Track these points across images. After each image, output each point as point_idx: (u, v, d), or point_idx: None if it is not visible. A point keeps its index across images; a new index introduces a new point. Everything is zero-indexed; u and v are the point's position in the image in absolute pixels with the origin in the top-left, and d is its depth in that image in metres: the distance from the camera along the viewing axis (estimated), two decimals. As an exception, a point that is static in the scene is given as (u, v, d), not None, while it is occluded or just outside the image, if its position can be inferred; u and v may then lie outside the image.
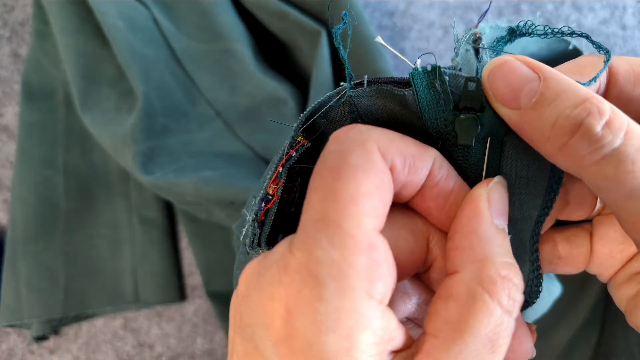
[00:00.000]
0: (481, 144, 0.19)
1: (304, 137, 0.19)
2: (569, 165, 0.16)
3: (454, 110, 0.18)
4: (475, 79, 0.18)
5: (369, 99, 0.19)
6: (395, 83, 0.19)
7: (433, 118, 0.19)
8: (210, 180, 0.39)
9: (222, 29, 0.43)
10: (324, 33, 0.41)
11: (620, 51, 0.45)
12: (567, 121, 0.15)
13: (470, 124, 0.18)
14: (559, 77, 0.16)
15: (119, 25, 0.42)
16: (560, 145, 0.15)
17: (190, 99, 0.44)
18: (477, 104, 0.18)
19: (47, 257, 0.44)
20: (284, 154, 0.19)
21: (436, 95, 0.18)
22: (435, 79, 0.18)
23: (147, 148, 0.41)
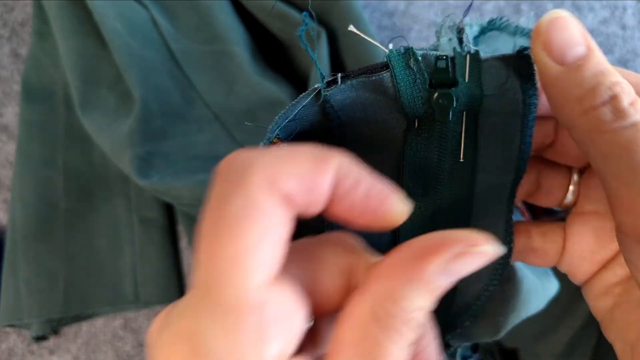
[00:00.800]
0: (458, 118, 0.19)
1: (279, 138, 0.19)
2: (587, 128, 0.17)
3: (429, 88, 0.19)
4: (444, 57, 0.19)
5: (343, 94, 0.19)
6: (369, 71, 0.19)
7: (411, 97, 0.19)
8: (205, 183, 0.39)
9: (221, 31, 0.43)
10: (324, 33, 0.41)
11: (620, 51, 0.45)
12: (607, 90, 0.16)
13: (446, 99, 0.19)
14: (602, 56, 0.17)
15: (117, 28, 0.42)
16: (589, 109, 0.16)
17: (188, 102, 0.44)
18: (448, 79, 0.19)
19: (47, 257, 0.44)
20: None
21: (412, 74, 0.19)
22: (410, 59, 0.19)
23: (144, 152, 0.41)
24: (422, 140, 0.20)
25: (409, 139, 0.20)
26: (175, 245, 0.47)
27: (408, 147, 0.20)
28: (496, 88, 0.19)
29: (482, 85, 0.19)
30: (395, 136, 0.20)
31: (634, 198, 0.16)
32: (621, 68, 0.18)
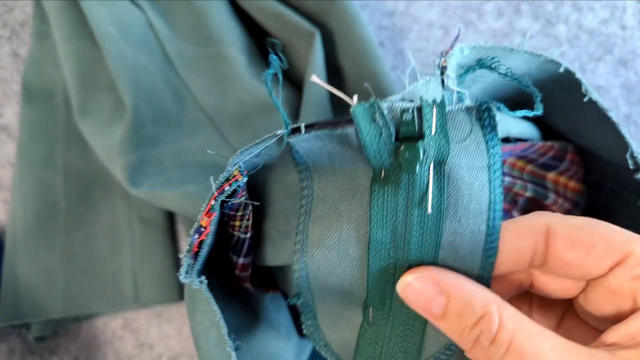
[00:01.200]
0: (425, 170, 0.19)
1: (240, 172, 0.19)
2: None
3: (395, 141, 0.19)
4: (410, 109, 0.19)
5: (308, 142, 0.20)
6: (334, 124, 0.19)
7: (376, 151, 0.19)
8: (192, 195, 0.39)
9: (217, 33, 0.43)
10: (318, 35, 0.41)
11: (620, 51, 0.45)
12: (469, 337, 0.19)
13: (413, 152, 0.19)
14: (461, 293, 0.19)
15: (111, 33, 0.42)
16: (468, 350, 0.19)
17: (182, 106, 0.44)
18: (415, 132, 0.19)
19: (47, 257, 0.44)
20: (217, 188, 0.20)
21: (377, 128, 0.19)
22: (376, 112, 0.18)
23: (136, 160, 0.41)
24: (389, 191, 0.20)
25: (375, 189, 0.20)
26: (175, 245, 0.47)
27: (375, 197, 0.20)
28: (461, 140, 0.19)
29: (448, 137, 0.19)
30: (361, 185, 0.20)
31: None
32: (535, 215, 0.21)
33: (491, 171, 0.20)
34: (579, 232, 0.20)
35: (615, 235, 0.19)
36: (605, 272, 0.19)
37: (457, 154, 0.20)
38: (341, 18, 0.41)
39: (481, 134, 0.20)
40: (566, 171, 0.32)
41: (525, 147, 0.31)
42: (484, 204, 0.20)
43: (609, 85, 0.45)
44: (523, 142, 0.31)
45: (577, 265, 0.20)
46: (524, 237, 0.20)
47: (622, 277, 0.19)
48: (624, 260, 0.19)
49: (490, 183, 0.20)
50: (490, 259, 0.20)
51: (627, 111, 0.45)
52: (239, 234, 0.23)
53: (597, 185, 0.32)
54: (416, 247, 0.20)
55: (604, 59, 0.45)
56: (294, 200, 0.22)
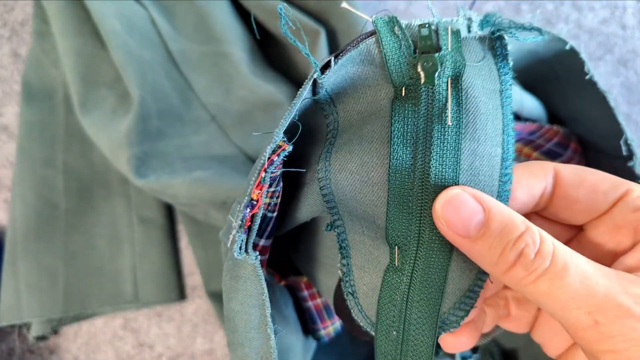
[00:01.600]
0: (443, 82, 0.20)
1: (284, 141, 0.20)
2: (512, 284, 0.18)
3: (414, 54, 0.20)
4: (427, 24, 0.20)
5: (334, 74, 0.20)
6: (356, 42, 0.20)
7: (397, 63, 0.20)
8: (201, 180, 0.39)
9: (219, 31, 0.43)
10: (323, 33, 0.41)
11: (620, 51, 0.45)
12: (513, 252, 0.18)
13: (431, 63, 0.19)
14: (500, 209, 0.19)
15: (116, 27, 0.42)
16: (505, 270, 0.18)
17: (185, 102, 0.44)
18: (432, 46, 0.19)
19: (47, 257, 0.44)
20: (267, 159, 0.19)
21: (397, 40, 0.20)
22: (395, 25, 0.19)
23: (141, 152, 0.41)
24: (409, 107, 0.20)
25: (395, 106, 0.20)
26: (175, 245, 0.47)
27: (395, 114, 0.20)
28: (474, 62, 0.20)
29: (463, 55, 0.20)
30: (383, 106, 0.21)
31: (575, 328, 0.17)
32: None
33: (503, 96, 0.21)
34: (585, 173, 0.21)
35: (614, 177, 0.21)
36: (609, 208, 0.21)
37: (472, 73, 0.20)
38: (343, 17, 0.41)
39: (493, 62, 0.21)
40: (569, 161, 0.33)
41: (534, 129, 0.31)
42: (499, 127, 0.20)
43: (609, 84, 0.45)
44: (532, 123, 0.31)
45: (584, 202, 0.21)
46: (536, 175, 0.21)
47: (625, 210, 0.20)
48: (625, 195, 0.20)
49: (503, 107, 0.20)
50: (506, 185, 0.20)
51: (627, 110, 0.45)
52: (266, 212, 0.23)
53: None
54: (436, 168, 0.20)
55: (604, 59, 0.45)
56: (318, 146, 0.22)
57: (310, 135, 0.23)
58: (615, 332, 0.16)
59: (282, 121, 0.20)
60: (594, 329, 0.16)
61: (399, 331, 0.22)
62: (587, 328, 0.17)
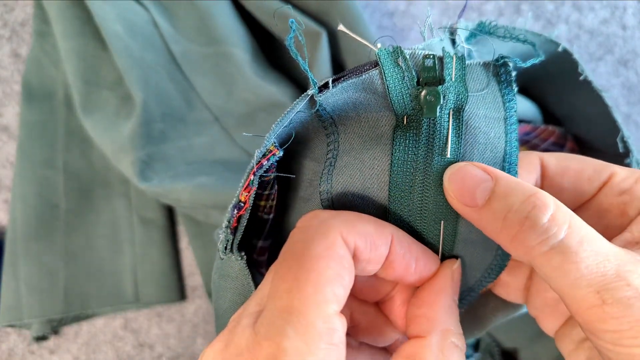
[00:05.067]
0: (444, 116, 0.20)
1: (275, 146, 0.20)
2: (521, 255, 0.18)
3: (417, 85, 0.20)
4: (431, 55, 0.20)
5: (335, 96, 0.20)
6: (359, 70, 0.20)
7: (399, 94, 0.20)
8: (204, 186, 0.39)
9: (221, 33, 0.43)
10: (324, 34, 0.41)
11: (621, 51, 0.45)
12: (516, 214, 0.17)
13: (434, 96, 0.19)
14: (508, 177, 0.18)
15: (118, 30, 0.42)
16: (512, 237, 0.17)
17: (188, 104, 0.44)
18: (435, 77, 0.20)
19: (47, 257, 0.44)
20: (256, 163, 0.20)
21: (400, 72, 0.20)
22: (399, 57, 0.20)
23: (145, 155, 0.41)
24: (410, 137, 0.20)
25: (397, 135, 0.20)
26: (175, 246, 0.47)
27: (396, 143, 0.20)
28: (478, 91, 0.20)
29: (466, 86, 0.20)
30: (384, 133, 0.21)
31: (579, 306, 0.17)
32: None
33: (507, 124, 0.21)
34: (568, 161, 0.21)
35: (597, 161, 0.21)
36: (595, 193, 0.21)
37: (475, 104, 0.20)
38: (343, 17, 0.41)
39: (497, 88, 0.21)
40: None
41: (529, 130, 0.31)
42: (499, 154, 0.20)
43: (609, 84, 0.45)
44: (526, 124, 0.31)
45: (570, 190, 0.21)
46: (526, 169, 0.21)
47: (611, 194, 0.20)
48: (609, 179, 0.20)
49: (507, 135, 0.21)
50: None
51: (627, 111, 0.45)
52: (262, 215, 0.23)
53: None
54: (434, 195, 0.20)
55: (604, 59, 0.45)
56: (318, 162, 0.23)
57: (310, 148, 0.23)
58: (621, 313, 0.16)
59: (274, 126, 0.20)
60: (600, 309, 0.16)
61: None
62: (592, 307, 0.16)
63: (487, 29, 0.21)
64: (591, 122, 0.30)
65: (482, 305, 0.26)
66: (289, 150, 0.21)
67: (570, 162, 0.21)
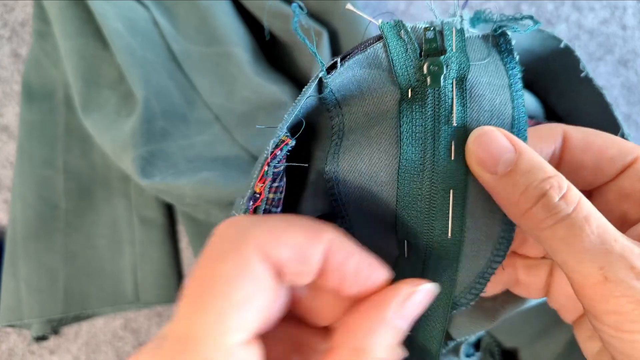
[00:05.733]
0: (448, 86, 0.20)
1: (287, 136, 0.20)
2: (529, 227, 0.18)
3: (420, 57, 0.20)
4: (432, 28, 0.20)
5: (340, 76, 0.20)
6: (363, 45, 0.20)
7: (403, 66, 0.20)
8: (208, 181, 0.39)
9: (221, 32, 0.43)
10: (325, 34, 0.41)
11: (621, 51, 0.45)
12: (535, 190, 0.18)
13: (437, 65, 0.20)
14: (531, 153, 0.18)
15: (118, 29, 0.42)
16: (525, 210, 0.18)
17: (189, 103, 0.44)
18: (437, 48, 0.20)
19: (47, 257, 0.44)
20: (270, 153, 0.20)
21: (403, 44, 0.20)
22: (401, 30, 0.20)
23: (146, 152, 0.41)
24: (416, 109, 0.20)
25: (403, 108, 0.21)
26: (175, 245, 0.47)
27: (403, 116, 0.20)
28: (480, 60, 0.21)
29: (468, 56, 0.20)
30: (390, 108, 0.21)
31: (582, 282, 0.17)
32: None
33: (512, 90, 0.21)
34: (593, 137, 0.20)
35: (625, 142, 0.20)
36: (616, 175, 0.20)
37: (478, 72, 0.20)
38: (343, 17, 0.42)
39: (498, 57, 0.21)
40: None
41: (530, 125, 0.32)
42: (506, 120, 0.20)
43: (609, 85, 0.45)
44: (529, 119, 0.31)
45: (590, 168, 0.20)
46: (545, 140, 0.21)
47: (634, 179, 0.20)
48: (634, 162, 0.20)
49: (513, 101, 0.21)
50: None
51: (628, 111, 0.45)
52: (270, 208, 0.23)
53: None
54: (444, 165, 0.20)
55: (604, 59, 0.45)
56: (324, 148, 0.23)
57: (314, 134, 0.23)
58: (622, 292, 0.16)
59: (286, 116, 0.20)
60: (602, 286, 0.16)
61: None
62: (595, 284, 0.16)
63: (484, 17, 0.22)
64: (591, 120, 0.30)
65: (491, 298, 0.26)
66: (298, 140, 0.21)
67: (595, 138, 0.20)
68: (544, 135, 0.21)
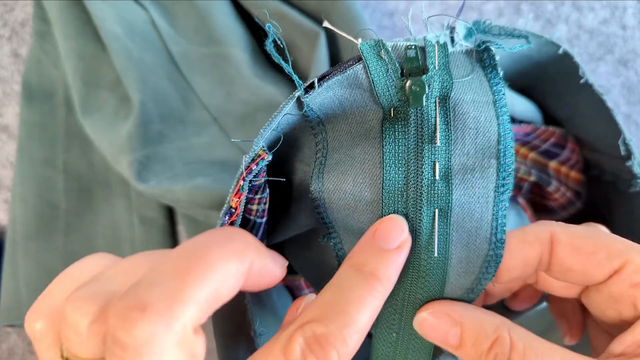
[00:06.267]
0: (431, 105, 0.20)
1: (264, 150, 0.20)
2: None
3: (401, 77, 0.20)
4: (413, 46, 0.20)
5: (320, 96, 0.20)
6: (343, 67, 0.20)
7: (385, 87, 0.20)
8: (201, 187, 0.39)
9: (220, 33, 0.43)
10: (323, 34, 0.41)
11: (621, 51, 0.45)
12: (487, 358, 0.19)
13: (419, 86, 0.19)
14: (472, 322, 0.20)
15: (116, 31, 0.42)
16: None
17: (186, 105, 0.44)
18: (419, 67, 0.20)
19: (48, 257, 0.44)
20: (245, 168, 0.20)
21: (384, 64, 0.20)
22: (381, 49, 0.20)
23: (143, 156, 0.41)
24: (399, 128, 0.20)
25: (385, 128, 0.20)
26: (175, 246, 0.47)
27: (386, 136, 0.20)
28: (463, 77, 0.20)
29: (451, 74, 0.20)
30: (372, 127, 0.21)
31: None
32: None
33: (497, 107, 0.21)
34: (581, 240, 0.20)
35: (615, 244, 0.20)
36: (605, 279, 0.20)
37: (461, 90, 0.20)
38: (343, 17, 0.41)
39: (482, 73, 0.21)
40: (567, 160, 0.33)
41: (529, 131, 0.31)
42: (492, 137, 0.20)
43: (609, 85, 0.45)
44: (527, 125, 0.31)
45: (578, 272, 0.20)
46: (531, 245, 0.21)
47: (622, 285, 0.20)
48: (622, 268, 0.20)
49: (498, 118, 0.20)
50: (504, 202, 0.20)
51: (628, 111, 0.45)
52: (255, 218, 0.23)
53: (596, 178, 0.33)
54: (427, 185, 0.20)
55: (604, 59, 0.45)
56: (307, 163, 0.23)
57: (299, 150, 0.23)
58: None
59: (262, 131, 0.20)
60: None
61: (399, 333, 0.22)
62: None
63: (482, 28, 0.21)
64: (592, 124, 0.30)
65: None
66: (280, 153, 0.21)
67: (583, 242, 0.20)
68: (529, 240, 0.21)
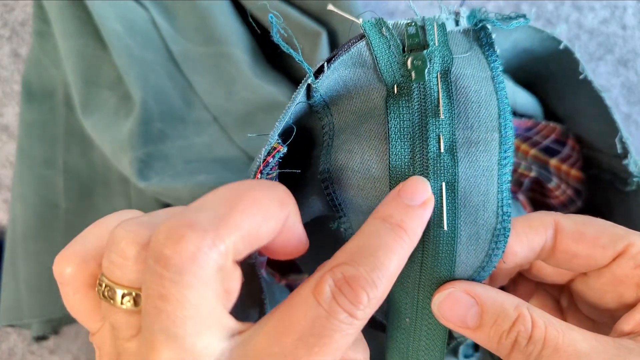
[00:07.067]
0: (433, 78, 0.20)
1: (279, 143, 0.20)
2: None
3: (403, 53, 0.20)
4: (413, 23, 0.21)
5: (327, 79, 0.21)
6: (346, 46, 0.21)
7: (387, 63, 0.21)
8: (204, 185, 0.39)
9: (220, 32, 0.43)
10: (324, 34, 0.41)
11: (621, 51, 0.45)
12: (507, 341, 0.19)
13: (420, 60, 0.20)
14: (493, 300, 0.20)
15: (117, 29, 0.42)
16: (506, 355, 0.20)
17: (187, 104, 0.44)
18: (420, 43, 0.20)
19: (47, 257, 0.44)
20: (262, 161, 0.20)
21: (386, 41, 0.21)
22: (382, 27, 0.21)
23: (144, 154, 0.41)
24: (403, 104, 0.21)
25: (390, 104, 0.21)
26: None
27: (390, 112, 0.21)
28: (462, 53, 0.21)
29: (450, 49, 0.21)
30: (377, 104, 0.21)
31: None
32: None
33: (495, 82, 0.21)
34: (584, 226, 0.21)
35: (615, 229, 0.21)
36: (608, 263, 0.21)
37: (461, 65, 0.21)
38: (344, 17, 0.41)
39: (480, 51, 0.22)
40: (567, 158, 0.33)
41: (530, 126, 0.32)
42: (493, 112, 0.21)
43: (609, 84, 0.45)
44: (528, 119, 0.31)
45: (583, 257, 0.21)
46: (537, 230, 0.21)
47: (626, 266, 0.20)
48: (625, 250, 0.20)
49: (497, 93, 0.21)
50: (506, 167, 0.21)
51: (628, 110, 0.45)
52: None
53: (595, 177, 0.33)
54: (434, 159, 0.20)
55: (604, 59, 0.45)
56: (316, 149, 0.23)
57: (306, 138, 0.23)
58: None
59: (277, 124, 0.20)
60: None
61: (412, 318, 0.22)
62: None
63: (480, 16, 0.22)
64: (591, 122, 0.30)
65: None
66: (291, 145, 0.21)
67: (586, 227, 0.21)
68: (534, 226, 0.21)
